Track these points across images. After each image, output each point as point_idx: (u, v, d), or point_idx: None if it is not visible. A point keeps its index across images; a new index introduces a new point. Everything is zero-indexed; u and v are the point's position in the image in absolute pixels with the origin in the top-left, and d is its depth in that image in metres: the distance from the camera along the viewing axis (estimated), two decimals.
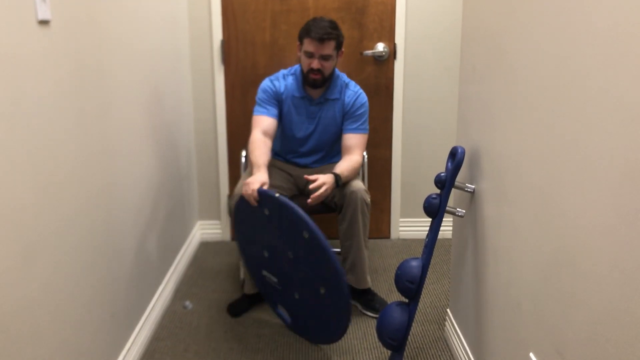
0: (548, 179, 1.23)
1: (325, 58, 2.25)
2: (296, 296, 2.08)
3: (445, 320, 2.30)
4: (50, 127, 1.38)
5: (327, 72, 2.29)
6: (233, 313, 2.36)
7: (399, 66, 2.98)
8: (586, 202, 1.06)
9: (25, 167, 1.27)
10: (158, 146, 2.34)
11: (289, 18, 2.91)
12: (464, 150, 1.78)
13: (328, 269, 1.88)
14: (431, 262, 2.86)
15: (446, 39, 2.96)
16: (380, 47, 2.95)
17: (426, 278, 2.03)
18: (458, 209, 1.92)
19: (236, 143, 3.07)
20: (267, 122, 2.32)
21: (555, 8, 1.19)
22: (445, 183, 1.80)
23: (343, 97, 2.38)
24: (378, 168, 3.11)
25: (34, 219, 1.31)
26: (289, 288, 2.10)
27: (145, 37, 2.18)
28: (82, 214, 1.58)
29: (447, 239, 3.10)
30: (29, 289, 1.29)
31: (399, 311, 1.82)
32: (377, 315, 2.32)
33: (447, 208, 1.84)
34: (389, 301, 2.43)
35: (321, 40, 2.21)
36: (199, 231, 3.16)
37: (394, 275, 1.85)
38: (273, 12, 2.91)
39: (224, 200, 3.12)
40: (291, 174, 2.48)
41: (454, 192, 2.03)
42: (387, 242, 3.16)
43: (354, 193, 2.21)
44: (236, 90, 3.01)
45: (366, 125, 2.39)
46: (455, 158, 1.78)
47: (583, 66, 1.07)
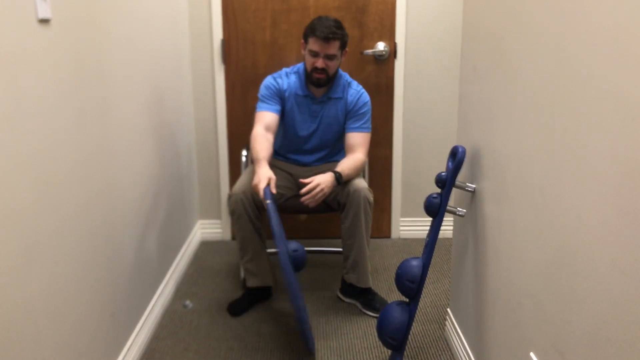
0: (549, 178, 1.23)
1: (329, 57, 2.25)
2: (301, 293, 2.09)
3: (445, 319, 2.30)
4: (50, 126, 1.38)
5: (331, 72, 2.29)
6: (233, 312, 2.36)
7: (400, 65, 2.97)
8: (587, 202, 1.06)
9: (25, 166, 1.27)
10: (158, 145, 2.34)
11: (290, 17, 2.91)
12: (465, 149, 1.78)
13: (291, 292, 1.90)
14: (432, 262, 2.86)
15: (447, 38, 2.96)
16: (380, 47, 2.94)
17: (426, 277, 2.03)
18: (459, 209, 1.92)
19: (237, 142, 3.06)
20: (269, 118, 2.32)
21: (555, 7, 1.19)
22: (445, 182, 1.80)
23: (346, 96, 2.38)
24: (378, 167, 3.11)
25: (34, 219, 1.31)
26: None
27: (145, 37, 2.18)
28: (82, 214, 1.58)
29: (448, 239, 3.10)
30: (29, 289, 1.29)
31: (400, 311, 1.82)
32: (378, 314, 2.32)
33: (448, 207, 1.83)
34: (390, 301, 2.43)
35: (326, 39, 2.21)
36: (199, 230, 3.16)
37: (395, 274, 1.85)
38: (273, 12, 2.91)
39: (225, 199, 3.12)
40: (292, 174, 2.48)
41: (455, 192, 2.03)
42: (388, 242, 3.16)
43: (357, 192, 2.21)
44: (236, 89, 3.01)
45: (369, 124, 2.40)
46: (455, 157, 1.78)
47: (584, 65, 1.07)
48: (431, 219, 1.85)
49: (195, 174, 3.08)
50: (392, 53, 2.96)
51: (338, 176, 2.20)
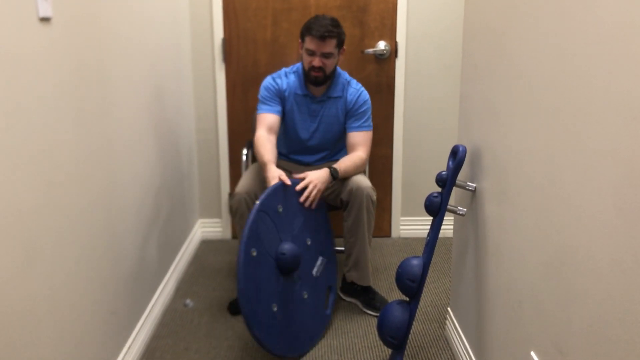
0: (549, 178, 1.23)
1: (326, 56, 2.25)
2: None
3: (446, 318, 2.30)
4: (50, 125, 1.38)
5: (329, 70, 2.29)
6: (233, 311, 2.36)
7: (400, 64, 2.97)
8: (587, 201, 1.06)
9: (25, 165, 1.27)
10: (159, 144, 2.34)
11: (290, 16, 2.91)
12: (466, 148, 1.78)
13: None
14: (432, 261, 2.86)
15: (448, 37, 2.95)
16: (381, 46, 2.94)
17: (427, 276, 2.03)
18: (459, 208, 1.92)
19: (237, 141, 3.06)
20: (271, 119, 2.32)
21: (557, 6, 1.19)
22: (446, 181, 1.80)
23: (345, 95, 2.38)
24: (379, 166, 3.11)
25: (35, 218, 1.31)
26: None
27: (146, 35, 2.18)
28: (83, 213, 1.58)
29: (448, 238, 3.10)
30: (30, 288, 1.29)
31: (400, 310, 1.82)
32: (378, 313, 2.32)
33: (448, 206, 1.83)
34: (390, 300, 2.43)
35: (322, 38, 2.21)
36: (200, 229, 3.16)
37: (395, 273, 1.85)
38: (274, 10, 2.91)
39: (225, 198, 3.12)
40: (293, 173, 2.48)
41: (455, 191, 2.03)
42: (388, 241, 3.16)
43: (360, 190, 2.21)
44: (237, 88, 3.01)
45: (370, 122, 2.40)
46: (456, 156, 1.78)
47: (585, 64, 1.07)
48: (432, 218, 1.85)
49: (195, 173, 3.08)
50: (393, 52, 2.96)
51: (333, 171, 2.20)
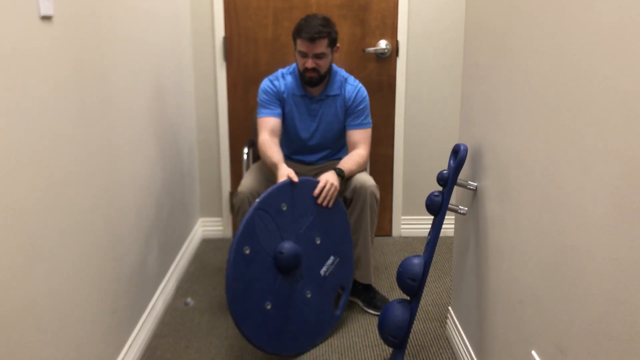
0: (550, 177, 1.23)
1: (318, 57, 2.25)
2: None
3: (446, 317, 2.30)
4: (52, 124, 1.38)
5: (323, 70, 2.29)
6: None
7: (401, 63, 2.97)
8: (589, 200, 1.06)
9: (26, 164, 1.27)
10: (160, 143, 2.34)
11: (292, 15, 2.91)
12: (467, 147, 1.78)
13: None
14: (433, 260, 2.86)
15: (449, 36, 2.95)
16: (382, 44, 2.94)
17: (428, 276, 2.03)
18: (460, 207, 1.91)
19: (238, 140, 3.06)
20: (273, 123, 2.33)
21: (558, 5, 1.19)
22: (447, 180, 1.80)
23: (343, 93, 2.38)
24: (380, 165, 3.11)
25: (36, 217, 1.31)
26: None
27: (147, 34, 2.18)
28: (84, 212, 1.58)
29: (449, 237, 3.10)
30: (31, 287, 1.29)
31: (401, 309, 1.82)
32: (379, 312, 2.32)
33: (449, 205, 1.83)
34: (391, 299, 2.43)
35: (312, 40, 2.21)
36: (201, 228, 3.16)
37: (396, 272, 1.85)
38: (275, 9, 2.91)
39: (226, 197, 3.12)
40: (297, 173, 2.48)
41: (456, 190, 2.03)
42: (389, 240, 3.16)
43: (364, 188, 2.22)
44: (238, 87, 3.01)
45: (369, 119, 2.40)
46: (457, 155, 1.78)
47: (586, 63, 1.07)
48: (433, 217, 1.85)
49: (196, 172, 3.08)
50: (394, 51, 2.96)
51: (339, 172, 2.21)
